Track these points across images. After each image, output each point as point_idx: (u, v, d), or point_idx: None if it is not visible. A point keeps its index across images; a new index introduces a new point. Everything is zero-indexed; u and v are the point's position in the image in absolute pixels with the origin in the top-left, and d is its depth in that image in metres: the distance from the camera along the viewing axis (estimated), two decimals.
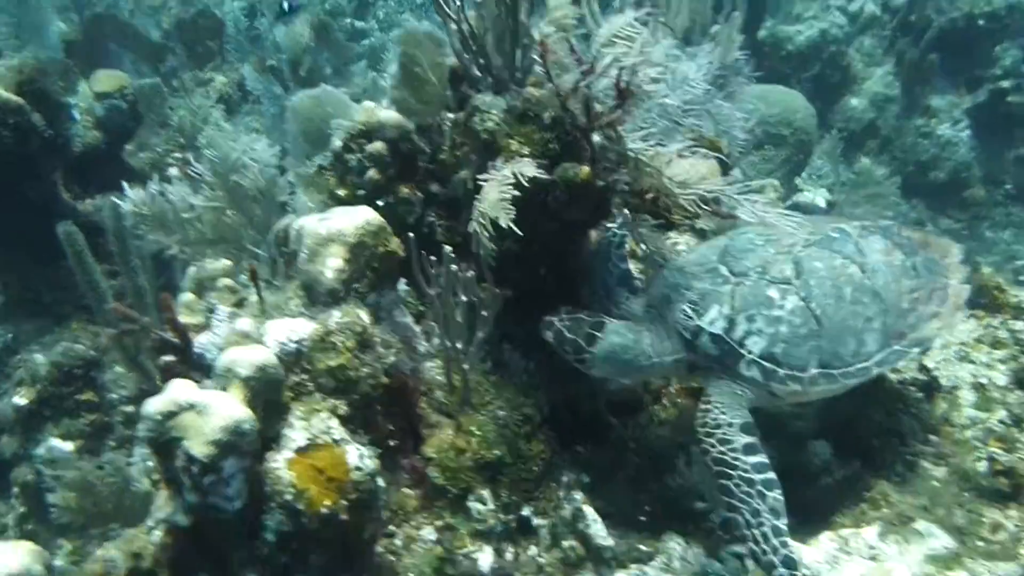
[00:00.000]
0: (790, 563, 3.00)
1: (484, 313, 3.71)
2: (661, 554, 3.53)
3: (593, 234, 3.95)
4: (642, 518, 3.75)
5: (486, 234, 3.20)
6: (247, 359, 3.19)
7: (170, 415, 3.02)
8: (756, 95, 9.10)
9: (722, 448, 3.23)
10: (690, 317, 3.53)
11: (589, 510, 3.67)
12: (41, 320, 6.97)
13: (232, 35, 10.77)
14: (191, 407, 3.02)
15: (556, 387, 4.05)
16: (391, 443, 3.74)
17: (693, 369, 3.65)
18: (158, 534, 3.38)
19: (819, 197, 8.38)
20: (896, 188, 9.62)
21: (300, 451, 3.25)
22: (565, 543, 3.68)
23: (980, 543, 3.33)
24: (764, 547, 3.02)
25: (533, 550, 3.67)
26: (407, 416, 3.85)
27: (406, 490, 3.80)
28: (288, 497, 3.15)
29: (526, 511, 3.71)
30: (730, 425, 3.29)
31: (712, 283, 3.58)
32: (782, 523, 3.07)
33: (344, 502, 3.22)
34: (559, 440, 3.92)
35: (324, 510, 3.16)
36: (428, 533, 3.70)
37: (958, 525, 3.42)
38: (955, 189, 11.10)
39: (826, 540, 3.42)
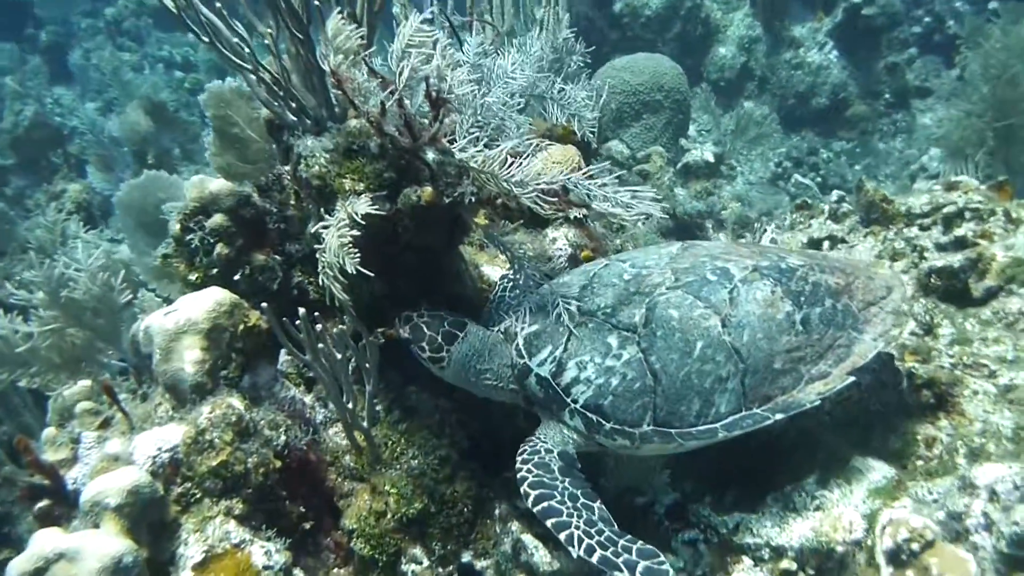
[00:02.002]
0: (650, 553, 2.87)
1: (367, 365, 3.53)
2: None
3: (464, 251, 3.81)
4: None
5: (338, 284, 3.02)
6: (114, 486, 2.95)
7: (38, 572, 2.76)
8: (621, 67, 9.18)
9: (539, 472, 3.12)
10: (521, 355, 3.43)
11: (529, 538, 3.52)
12: None
13: (90, 139, 10.38)
14: (60, 556, 2.77)
15: (471, 419, 3.89)
16: (306, 526, 3.53)
17: (529, 402, 3.51)
18: None
19: (707, 152, 8.42)
20: (775, 124, 9.76)
21: (198, 567, 3.02)
22: None
23: (919, 462, 3.28)
24: (615, 549, 2.86)
25: None
26: (317, 492, 3.64)
27: (336, 571, 3.59)
28: None
29: (466, 557, 3.54)
30: (549, 451, 3.21)
31: (555, 320, 3.42)
32: (616, 530, 2.96)
33: None
34: (485, 470, 3.75)
35: None
36: None
37: (895, 450, 3.37)
38: (838, 111, 11.37)
39: (770, 501, 3.33)
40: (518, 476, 3.15)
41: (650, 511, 3.58)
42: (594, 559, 2.82)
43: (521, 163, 2.89)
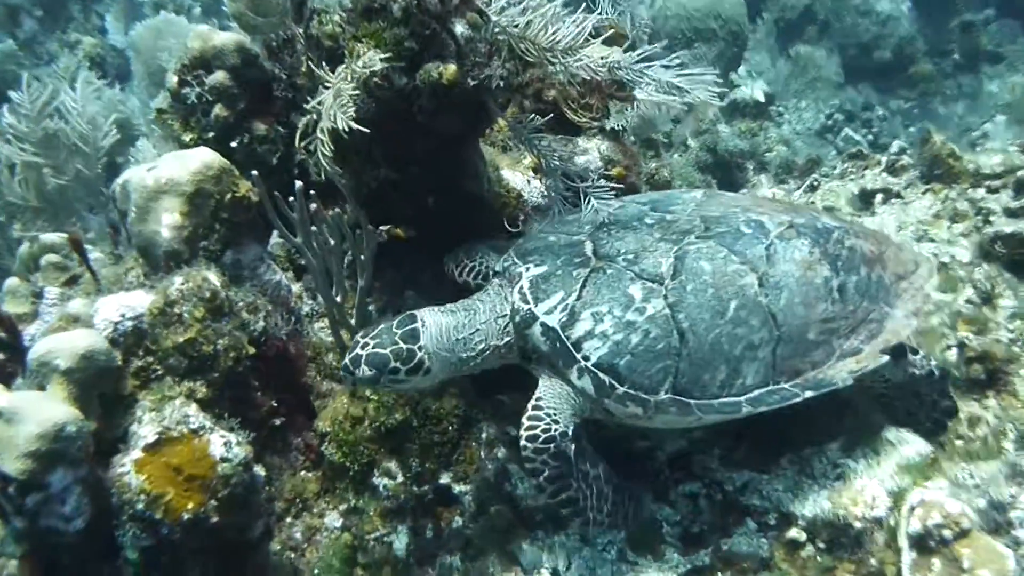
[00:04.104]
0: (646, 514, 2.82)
1: (362, 257, 3.21)
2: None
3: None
4: None
5: (328, 152, 2.67)
6: (66, 348, 2.68)
7: None
8: None
9: (555, 464, 2.75)
10: (526, 300, 2.97)
11: (515, 468, 3.27)
12: None
13: None
14: None
15: None
16: (276, 422, 3.28)
17: (526, 358, 3.06)
18: (12, 566, 2.92)
19: (757, 90, 7.92)
20: (838, 69, 9.17)
21: (150, 448, 2.76)
22: (492, 508, 3.26)
23: (959, 442, 2.99)
24: (616, 518, 2.81)
25: (457, 522, 3.25)
26: (293, 388, 3.38)
27: (303, 474, 3.37)
28: (140, 506, 2.68)
29: (444, 479, 3.29)
30: (564, 435, 2.79)
31: (567, 261, 2.99)
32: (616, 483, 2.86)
33: (213, 502, 2.76)
34: (477, 390, 3.47)
35: (187, 515, 2.70)
36: (332, 520, 3.28)
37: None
38: (901, 67, 10.74)
39: (785, 463, 3.05)
40: (530, 467, 2.78)
41: (652, 455, 3.31)
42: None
43: (568, 30, 2.48)
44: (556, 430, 2.80)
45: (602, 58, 2.54)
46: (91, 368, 2.70)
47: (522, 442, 2.81)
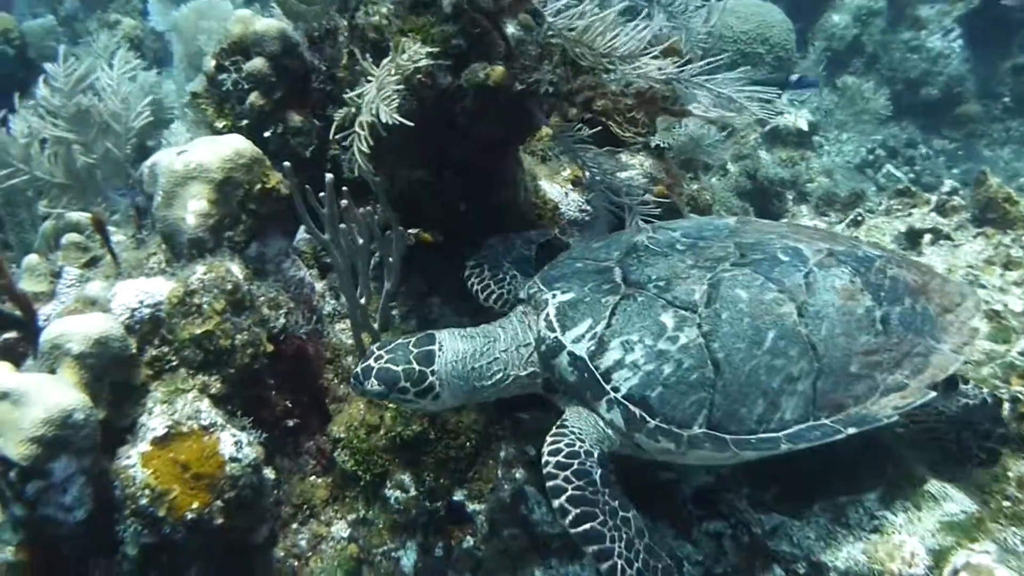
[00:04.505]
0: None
1: (390, 259, 3.12)
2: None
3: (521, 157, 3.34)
4: None
5: (365, 148, 2.58)
6: (80, 331, 2.61)
7: None
8: (728, 9, 8.46)
9: (580, 483, 2.57)
10: (552, 327, 2.85)
11: (533, 491, 3.14)
12: None
13: None
14: (3, 396, 2.45)
15: None
16: (289, 423, 3.19)
17: (551, 390, 2.93)
18: (8, 553, 2.84)
19: (801, 119, 7.78)
20: (887, 102, 8.98)
21: (158, 442, 2.68)
22: (506, 532, 3.14)
23: (1006, 503, 2.83)
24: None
25: (468, 541, 3.13)
26: (309, 389, 3.29)
27: (313, 479, 3.27)
28: (143, 501, 2.60)
29: (458, 495, 3.16)
30: (589, 454, 2.64)
31: (595, 287, 2.87)
32: (649, 543, 2.55)
33: (219, 503, 2.68)
34: (497, 406, 3.36)
35: (191, 515, 2.62)
36: (339, 529, 3.17)
37: (979, 483, 2.92)
38: (948, 106, 10.54)
39: (818, 510, 2.91)
40: (551, 484, 2.60)
41: (675, 489, 3.17)
42: None
43: (627, 37, 2.38)
44: (581, 447, 2.67)
45: (659, 69, 2.43)
46: (104, 354, 2.62)
47: (544, 458, 2.67)
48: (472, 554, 3.14)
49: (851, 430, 2.67)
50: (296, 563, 3.08)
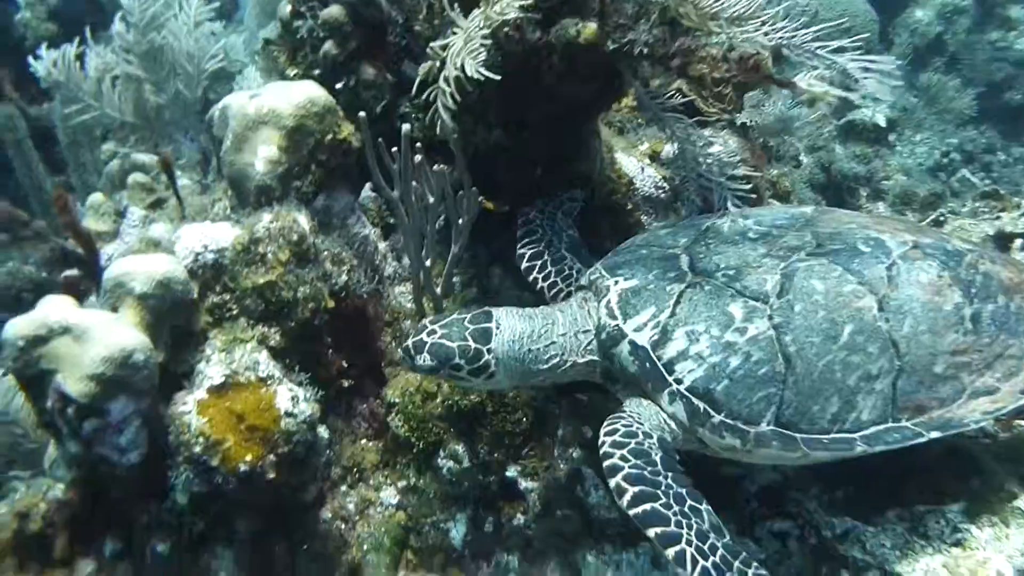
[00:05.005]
0: None
1: (460, 221, 3.04)
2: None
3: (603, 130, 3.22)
4: None
5: (450, 103, 2.49)
6: (143, 271, 2.57)
7: (38, 341, 2.42)
8: None
9: (638, 462, 2.45)
10: (613, 315, 2.75)
11: (591, 472, 3.05)
12: None
13: None
14: (65, 331, 2.42)
15: None
16: (344, 383, 3.14)
17: (611, 379, 2.84)
18: (58, 490, 2.84)
19: (879, 115, 7.52)
20: (972, 102, 8.59)
21: (215, 391, 2.64)
22: (559, 512, 3.06)
23: None
24: (731, 574, 2.27)
25: (519, 519, 3.06)
26: (366, 350, 3.23)
27: (364, 442, 3.21)
28: (197, 449, 2.56)
29: (511, 471, 3.09)
30: (647, 435, 2.54)
31: (660, 275, 2.77)
32: (730, 541, 2.37)
33: (272, 457, 2.63)
34: (556, 384, 3.27)
35: (244, 467, 2.57)
36: (389, 496, 3.12)
37: None
38: None
39: (894, 518, 2.77)
40: (608, 464, 2.49)
41: (740, 486, 3.06)
42: None
43: None
44: (639, 429, 2.57)
45: (766, 34, 2.30)
46: (166, 297, 2.58)
47: (601, 439, 2.57)
48: (523, 532, 3.06)
49: (934, 434, 2.53)
50: (343, 526, 3.04)
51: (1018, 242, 4.23)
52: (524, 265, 3.24)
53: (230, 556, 2.72)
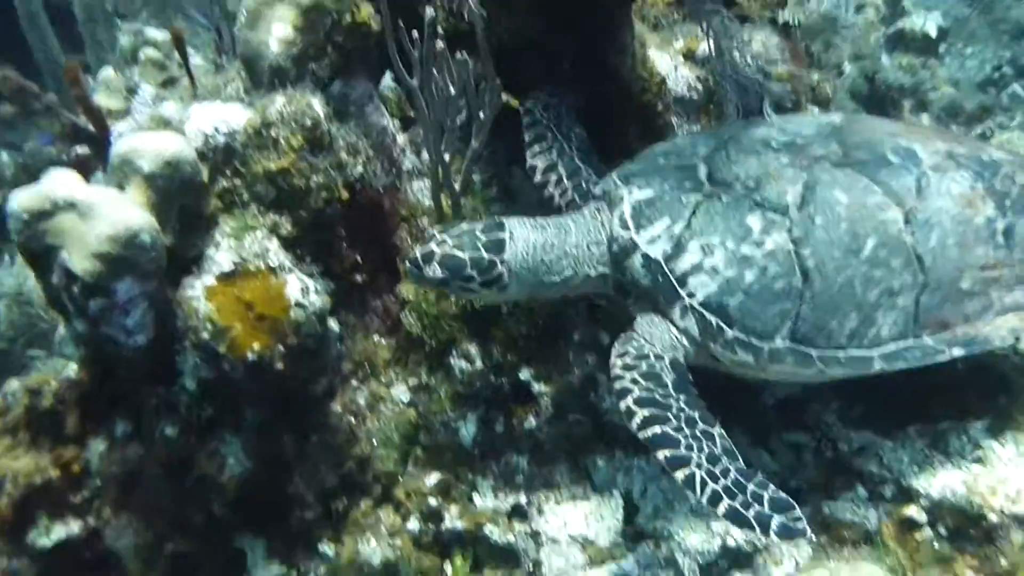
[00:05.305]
0: (784, 504, 2.23)
1: (481, 115, 2.92)
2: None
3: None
4: None
5: None
6: (152, 149, 2.49)
7: (42, 215, 2.36)
8: None
9: (648, 385, 2.42)
10: (626, 226, 2.66)
11: (605, 378, 3.01)
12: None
13: None
14: (71, 207, 2.36)
15: None
16: (358, 278, 3.08)
17: (623, 293, 2.77)
18: (70, 370, 2.85)
19: (931, 23, 7.14)
20: None
21: (224, 277, 2.60)
22: (571, 417, 3.04)
23: None
24: (745, 498, 2.23)
25: (531, 422, 3.04)
26: (381, 245, 3.16)
27: (376, 338, 3.18)
28: (204, 335, 2.54)
29: (524, 374, 3.06)
30: (659, 358, 2.50)
31: (676, 185, 2.66)
32: (742, 465, 2.32)
33: (280, 347, 2.61)
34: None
35: (251, 355, 2.55)
36: (400, 392, 3.10)
37: None
38: None
39: (914, 434, 2.72)
40: (618, 386, 2.47)
41: (758, 398, 3.01)
42: (720, 510, 2.23)
43: None
44: (651, 351, 2.52)
45: None
46: (175, 177, 2.51)
47: (611, 361, 2.54)
48: (534, 435, 3.05)
49: (956, 351, 2.47)
50: (353, 420, 3.03)
51: None
52: (538, 178, 3.13)
53: (238, 443, 2.73)
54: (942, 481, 2.56)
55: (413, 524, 2.94)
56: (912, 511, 2.57)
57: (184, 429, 2.71)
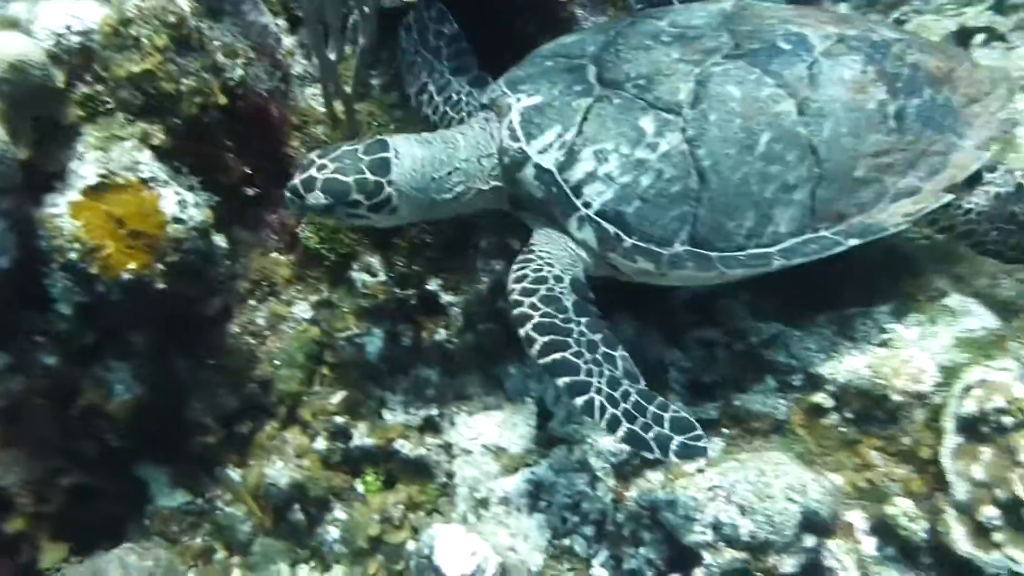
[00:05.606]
0: (684, 424, 2.21)
1: (365, 9, 2.73)
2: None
3: None
4: None
5: None
6: None
7: None
8: None
9: (548, 310, 2.34)
10: (516, 137, 2.53)
11: None
12: None
13: None
14: None
15: None
16: (249, 192, 2.92)
17: (519, 207, 2.67)
18: None
19: None
20: None
21: (90, 192, 2.41)
22: (481, 326, 2.96)
23: None
24: (645, 420, 2.21)
25: (440, 334, 2.96)
26: (272, 156, 2.99)
27: (274, 255, 3.04)
28: (72, 256, 2.36)
29: (432, 285, 2.96)
30: (559, 279, 2.41)
31: (565, 89, 2.54)
32: (644, 387, 2.29)
33: (159, 265, 2.44)
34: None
35: (127, 275, 2.39)
36: (301, 310, 3.00)
37: (1004, 299, 2.70)
38: None
39: (823, 321, 2.71)
40: (517, 312, 2.37)
41: (670, 296, 2.96)
42: (619, 434, 2.20)
43: None
44: (550, 272, 2.43)
45: None
46: (23, 82, 2.29)
47: (508, 285, 2.43)
48: (443, 346, 2.97)
49: (852, 242, 2.45)
50: (253, 340, 2.92)
51: (979, 37, 4.02)
52: (413, 104, 2.99)
53: (126, 369, 2.60)
54: (848, 366, 2.55)
55: (320, 443, 2.86)
56: (819, 398, 2.56)
57: (65, 357, 2.55)
